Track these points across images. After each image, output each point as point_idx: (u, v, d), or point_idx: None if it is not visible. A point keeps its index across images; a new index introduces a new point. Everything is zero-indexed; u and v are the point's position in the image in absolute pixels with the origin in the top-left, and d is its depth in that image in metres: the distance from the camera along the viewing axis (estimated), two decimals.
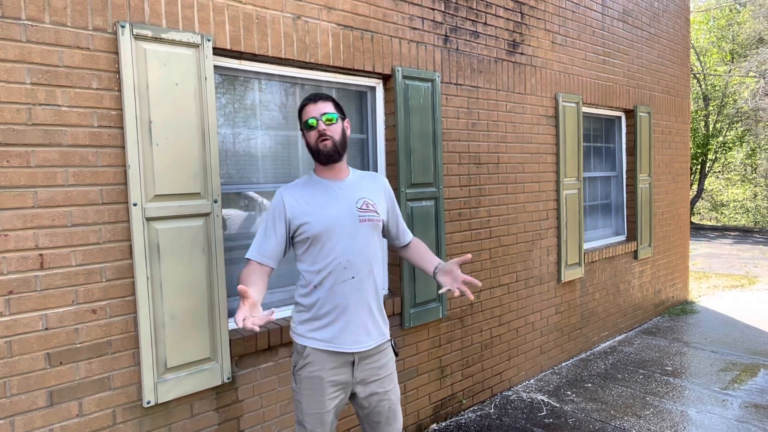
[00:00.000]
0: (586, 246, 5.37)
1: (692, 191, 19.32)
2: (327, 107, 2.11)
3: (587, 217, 5.55)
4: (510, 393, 4.27)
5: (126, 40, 2.28)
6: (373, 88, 3.42)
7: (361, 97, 3.43)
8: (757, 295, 7.53)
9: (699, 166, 19.20)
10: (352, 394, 2.18)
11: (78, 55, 2.20)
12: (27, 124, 2.10)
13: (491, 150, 4.07)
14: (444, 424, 3.75)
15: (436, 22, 3.63)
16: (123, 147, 2.32)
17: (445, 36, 3.69)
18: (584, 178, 5.37)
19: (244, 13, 2.69)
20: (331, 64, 3.05)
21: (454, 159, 3.78)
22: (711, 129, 18.82)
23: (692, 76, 18.44)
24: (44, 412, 2.17)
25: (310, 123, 2.09)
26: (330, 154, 2.11)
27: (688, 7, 6.88)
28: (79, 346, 2.24)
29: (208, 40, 2.53)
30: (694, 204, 19.46)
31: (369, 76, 3.35)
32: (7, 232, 2.07)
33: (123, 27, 2.27)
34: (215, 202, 2.58)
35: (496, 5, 4.08)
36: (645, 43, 5.92)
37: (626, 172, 5.95)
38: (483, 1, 3.97)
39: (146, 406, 2.39)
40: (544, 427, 3.66)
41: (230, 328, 2.78)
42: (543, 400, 4.11)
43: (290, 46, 2.87)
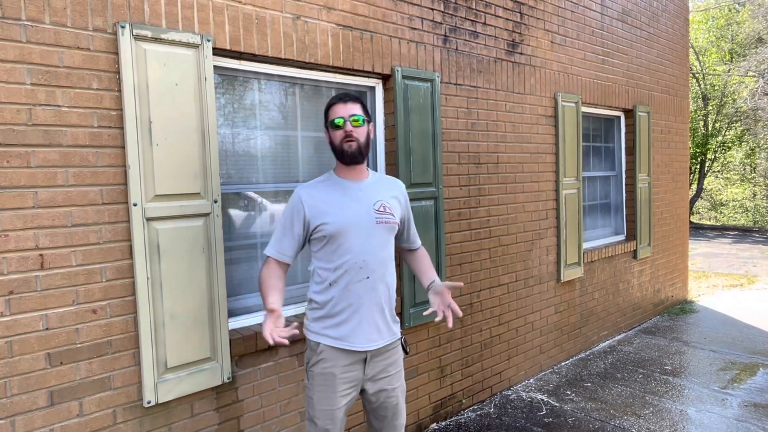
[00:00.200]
0: (586, 245, 5.38)
1: (691, 191, 19.33)
2: (356, 109, 2.15)
3: (586, 217, 5.56)
4: (510, 392, 4.27)
5: (126, 41, 2.29)
6: (373, 88, 3.43)
7: (362, 97, 3.43)
8: (757, 294, 7.54)
9: (698, 166, 19.21)
10: (362, 389, 2.23)
11: (78, 56, 2.21)
12: (27, 125, 2.11)
13: (491, 150, 4.08)
14: (444, 424, 3.76)
15: (436, 22, 3.63)
16: (123, 147, 2.33)
17: (445, 36, 3.69)
18: (583, 177, 5.38)
19: (244, 13, 2.69)
20: (331, 64, 3.06)
21: (453, 159, 3.78)
22: (710, 128, 18.83)
23: (691, 75, 18.45)
24: (45, 412, 2.17)
25: (336, 122, 2.13)
26: (354, 155, 2.15)
27: (687, 7, 6.89)
28: (79, 346, 2.24)
29: (208, 41, 2.54)
30: (693, 203, 19.47)
31: (368, 76, 3.36)
32: (8, 233, 2.08)
33: (123, 27, 2.28)
34: (215, 202, 2.58)
35: (496, 5, 4.08)
36: (644, 43, 5.93)
37: (625, 171, 5.96)
38: (482, 1, 3.98)
39: (146, 406, 2.40)
40: (544, 427, 3.67)
41: (230, 328, 2.79)
42: (543, 400, 4.11)
43: (290, 47, 2.87)
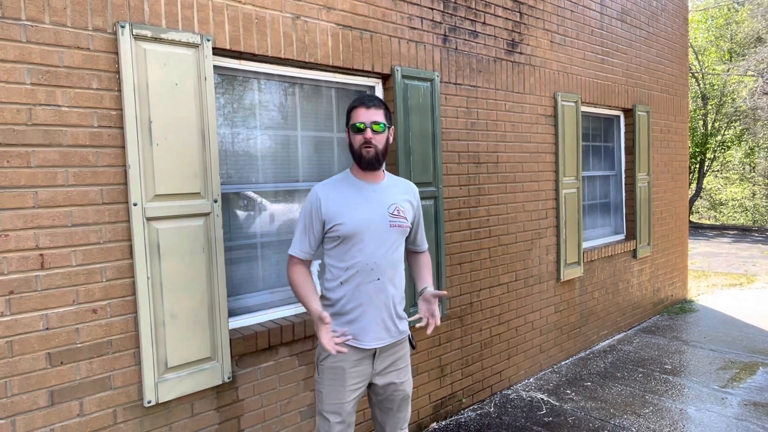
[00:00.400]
0: (585, 245, 5.39)
1: (691, 190, 19.34)
2: (378, 116, 2.16)
3: (586, 216, 5.56)
4: (510, 392, 4.27)
5: (126, 41, 2.29)
6: (373, 88, 3.43)
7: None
8: (756, 293, 7.55)
9: (698, 165, 19.22)
10: (370, 383, 2.26)
11: (78, 56, 2.21)
12: (27, 125, 2.11)
13: (490, 149, 4.08)
14: (444, 423, 3.76)
15: (435, 21, 3.63)
16: (123, 147, 2.33)
17: (444, 36, 3.69)
18: (583, 177, 5.38)
19: (244, 13, 2.69)
20: (331, 64, 3.06)
21: (453, 158, 3.79)
22: (709, 128, 18.83)
23: (690, 75, 18.46)
24: (45, 412, 2.17)
25: (358, 126, 2.15)
26: (371, 162, 2.18)
27: (687, 6, 6.90)
28: (79, 345, 2.24)
29: (208, 40, 2.54)
30: (692, 203, 19.48)
31: (368, 76, 3.36)
32: (8, 232, 2.08)
33: (123, 27, 2.28)
34: (215, 201, 2.58)
35: (495, 5, 4.08)
36: (643, 43, 5.93)
37: (625, 171, 5.97)
38: (482, 0, 3.98)
39: (147, 405, 2.40)
40: (544, 426, 3.67)
41: (230, 328, 2.79)
42: (543, 399, 4.12)
43: (290, 46, 2.87)
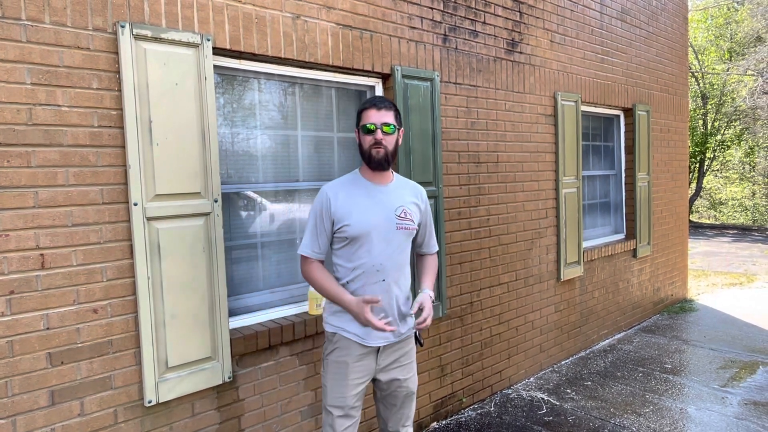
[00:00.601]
0: (586, 244, 5.39)
1: (691, 189, 19.34)
2: (388, 117, 2.18)
3: (586, 216, 5.56)
4: (510, 391, 4.28)
5: (126, 40, 2.29)
6: (373, 88, 3.43)
7: (361, 96, 3.44)
8: (756, 292, 7.55)
9: (697, 165, 19.22)
10: (374, 379, 2.28)
11: (78, 55, 2.21)
12: (27, 125, 2.11)
13: (490, 149, 4.08)
14: (444, 423, 3.76)
15: (435, 21, 3.63)
16: (123, 147, 2.33)
17: (444, 35, 3.69)
18: (583, 176, 5.38)
19: (244, 12, 2.69)
20: (331, 64, 3.06)
21: (453, 158, 3.79)
22: (709, 127, 18.83)
23: (690, 74, 18.46)
24: (46, 412, 2.17)
25: (368, 127, 2.17)
26: (380, 163, 2.20)
27: (686, 6, 6.90)
28: (80, 345, 2.24)
29: (208, 40, 2.54)
30: (692, 202, 19.48)
31: (368, 76, 3.36)
32: (8, 232, 2.08)
33: (123, 27, 2.28)
34: (215, 201, 2.58)
35: (495, 4, 4.08)
36: (643, 42, 5.93)
37: (625, 170, 5.97)
38: (482, 0, 3.98)
39: (147, 405, 2.40)
40: (544, 425, 3.67)
41: (231, 327, 2.79)
42: (543, 398, 4.12)
43: (290, 46, 2.87)
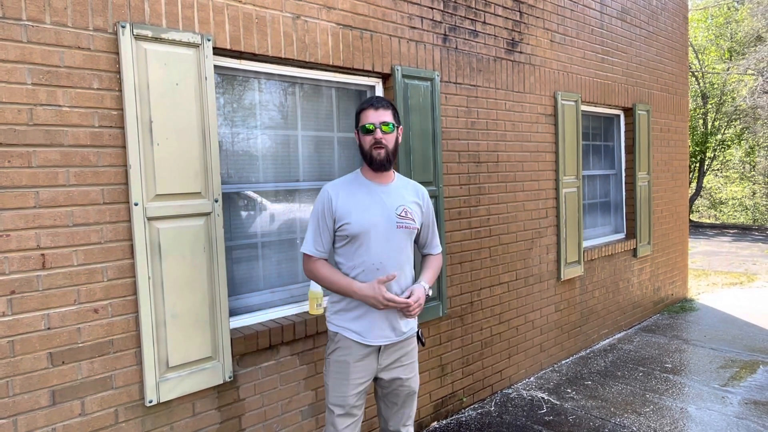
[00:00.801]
0: (586, 244, 5.39)
1: (691, 189, 19.34)
2: (387, 116, 2.19)
3: (586, 215, 5.56)
4: (510, 391, 4.28)
5: (126, 41, 2.29)
6: (373, 87, 3.43)
7: (361, 96, 3.44)
8: (756, 292, 7.55)
9: (698, 164, 19.21)
10: (376, 377, 2.29)
11: (79, 56, 2.21)
12: (28, 125, 2.11)
13: (490, 149, 4.08)
14: (445, 422, 3.76)
15: (436, 21, 3.63)
16: (124, 147, 2.33)
17: (445, 35, 3.70)
18: (583, 176, 5.38)
19: (244, 12, 2.69)
20: (331, 64, 3.06)
21: (453, 158, 3.79)
22: (709, 127, 18.83)
23: (690, 74, 18.46)
24: (47, 412, 2.18)
25: (367, 127, 2.18)
26: (381, 162, 2.21)
27: (687, 5, 6.89)
28: (81, 345, 2.25)
29: (208, 40, 2.54)
30: (692, 202, 19.48)
31: (368, 76, 3.36)
32: (9, 232, 2.08)
33: (123, 27, 2.28)
34: (216, 201, 2.59)
35: (495, 4, 4.08)
36: (643, 42, 5.93)
37: (625, 170, 5.97)
38: (482, 0, 3.98)
39: (148, 405, 2.40)
40: (545, 425, 3.68)
41: (231, 327, 2.79)
42: (543, 398, 4.12)
43: (290, 46, 2.87)
